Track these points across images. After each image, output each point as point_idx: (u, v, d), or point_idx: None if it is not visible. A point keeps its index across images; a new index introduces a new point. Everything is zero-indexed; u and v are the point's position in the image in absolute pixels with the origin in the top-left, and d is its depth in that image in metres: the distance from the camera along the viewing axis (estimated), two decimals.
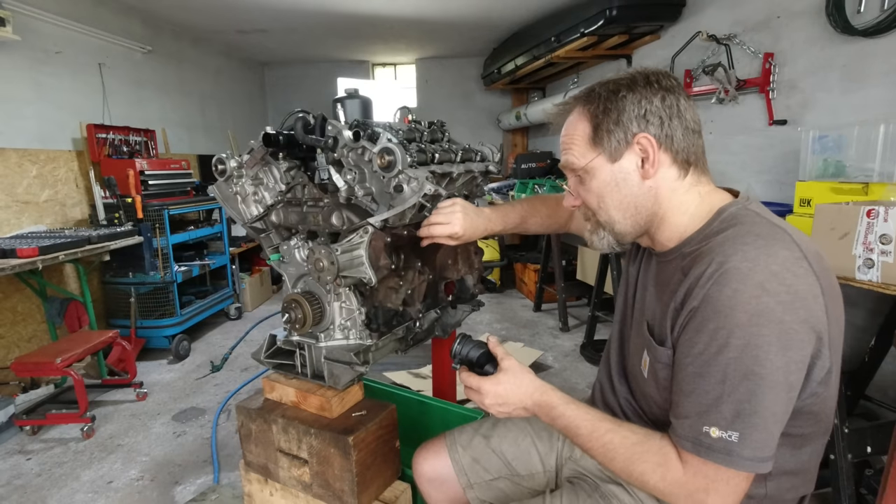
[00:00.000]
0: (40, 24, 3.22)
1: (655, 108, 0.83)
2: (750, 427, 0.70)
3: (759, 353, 0.69)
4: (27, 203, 3.15)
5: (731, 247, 0.75)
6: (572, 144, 0.90)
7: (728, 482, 0.73)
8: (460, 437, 1.23)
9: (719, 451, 0.72)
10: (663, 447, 0.79)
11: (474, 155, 1.46)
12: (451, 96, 6.47)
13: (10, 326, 3.00)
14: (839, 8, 2.29)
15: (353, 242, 1.16)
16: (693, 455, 0.74)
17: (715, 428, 0.72)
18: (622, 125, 0.84)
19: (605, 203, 0.89)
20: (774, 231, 0.76)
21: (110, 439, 2.53)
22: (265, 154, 1.31)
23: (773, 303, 0.69)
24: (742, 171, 3.01)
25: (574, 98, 0.93)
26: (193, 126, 5.04)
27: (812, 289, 0.71)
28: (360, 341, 1.29)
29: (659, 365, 0.85)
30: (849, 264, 1.61)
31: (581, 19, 3.66)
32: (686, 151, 0.85)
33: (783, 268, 0.71)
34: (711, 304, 0.72)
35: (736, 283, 0.71)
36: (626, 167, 0.86)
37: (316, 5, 4.13)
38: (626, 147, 0.85)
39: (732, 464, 0.72)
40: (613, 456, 0.82)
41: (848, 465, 1.73)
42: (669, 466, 0.77)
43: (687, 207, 0.86)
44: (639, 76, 0.86)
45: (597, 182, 0.89)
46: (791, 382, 0.71)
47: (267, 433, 1.33)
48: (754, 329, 0.69)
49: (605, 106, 0.85)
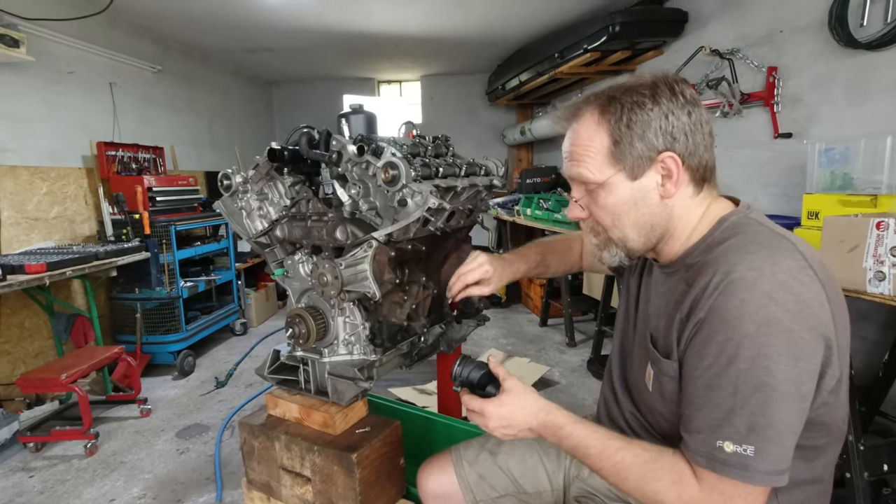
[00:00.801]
0: (54, 45, 3.30)
1: (682, 123, 0.79)
2: (765, 440, 0.68)
3: (769, 363, 0.67)
4: (37, 220, 3.19)
5: (736, 256, 0.73)
6: (586, 157, 0.83)
7: (745, 498, 0.70)
8: (466, 453, 1.20)
9: (735, 467, 0.69)
10: (677, 464, 0.76)
11: (479, 169, 1.46)
12: (456, 112, 6.53)
13: (16, 342, 3.01)
14: (842, 22, 2.30)
15: (357, 257, 1.16)
16: (708, 471, 0.72)
17: (729, 442, 0.70)
18: (647, 141, 0.79)
19: (620, 221, 0.85)
20: (778, 240, 0.75)
21: (113, 456, 2.51)
22: (270, 169, 1.32)
23: (781, 312, 0.67)
24: (748, 185, 3.00)
25: (586, 100, 0.85)
26: (201, 143, 5.11)
27: (818, 297, 0.70)
28: (364, 357, 1.28)
29: (665, 378, 0.83)
30: (859, 277, 1.59)
31: (584, 35, 3.69)
32: (704, 168, 0.82)
33: (789, 276, 0.70)
34: (719, 315, 0.71)
35: (743, 293, 0.69)
36: (646, 185, 0.82)
37: (322, 24, 4.20)
38: (648, 165, 0.80)
39: (749, 479, 0.69)
40: (626, 475, 0.78)
41: (865, 483, 1.69)
42: (685, 484, 0.74)
43: (695, 221, 0.84)
44: (662, 85, 0.80)
45: (613, 199, 0.83)
46: (803, 393, 0.69)
47: (270, 450, 1.31)
48: (763, 339, 0.67)
49: (629, 118, 0.79)
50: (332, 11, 3.90)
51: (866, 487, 1.69)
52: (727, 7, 3.08)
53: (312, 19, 4.06)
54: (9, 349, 2.95)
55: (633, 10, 3.58)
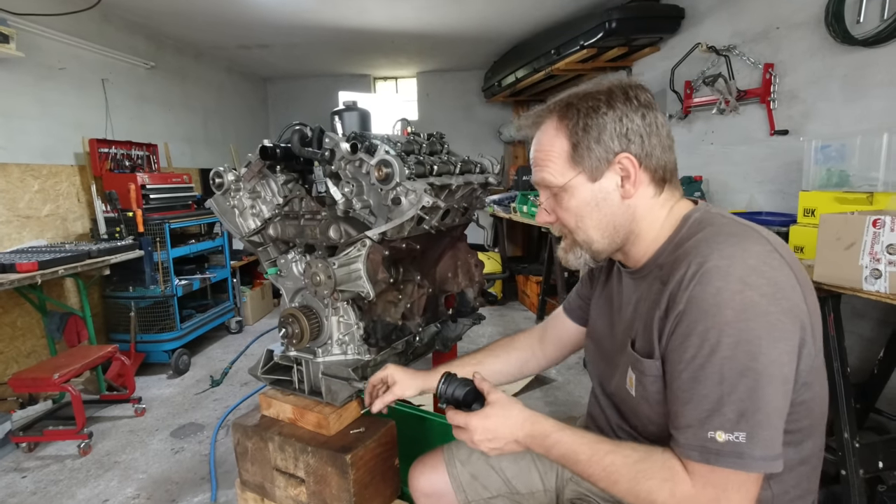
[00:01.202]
0: (44, 41, 3.26)
1: (637, 126, 0.82)
2: (755, 425, 0.68)
3: (751, 347, 0.68)
4: (28, 217, 3.15)
5: (707, 247, 0.75)
6: (549, 161, 0.87)
7: (739, 488, 0.70)
8: (459, 452, 1.19)
9: (729, 455, 0.69)
10: (667, 461, 0.75)
11: (474, 167, 1.45)
12: (452, 109, 6.51)
13: (9, 341, 2.98)
14: (838, 18, 2.29)
15: (351, 256, 1.15)
16: (701, 464, 0.71)
17: (721, 431, 0.69)
18: (603, 143, 0.82)
19: (583, 223, 0.87)
20: (744, 228, 0.78)
21: (107, 456, 2.50)
22: (263, 167, 1.30)
23: (757, 296, 0.69)
24: (744, 182, 3.00)
25: (547, 109, 0.89)
26: (196, 140, 5.07)
27: (789, 279, 0.72)
28: (359, 356, 1.27)
29: (648, 379, 0.82)
30: (856, 275, 1.59)
31: (581, 32, 3.68)
32: (663, 169, 0.84)
33: (760, 261, 0.72)
34: (697, 305, 0.72)
35: (718, 281, 0.71)
36: (606, 187, 0.84)
37: (317, 20, 4.17)
38: (606, 166, 0.83)
39: (745, 466, 0.69)
40: (617, 478, 0.77)
41: (860, 481, 1.69)
42: (677, 480, 0.73)
43: (659, 222, 0.86)
44: (617, 90, 0.83)
45: (576, 201, 0.86)
46: (786, 374, 0.70)
47: (263, 451, 1.30)
48: (743, 324, 0.68)
49: (585, 122, 0.82)
50: (327, 7, 3.87)
51: (861, 485, 1.69)
52: (724, 3, 3.07)
53: (307, 15, 4.03)
54: (1, 348, 2.93)
55: (629, 7, 3.57)
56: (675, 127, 3.58)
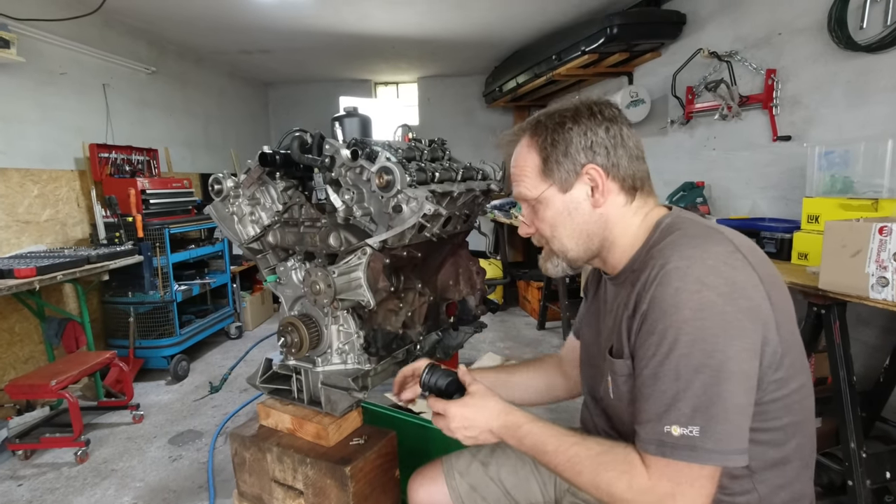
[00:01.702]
0: (45, 46, 3.26)
1: (601, 138, 0.87)
2: (710, 419, 0.70)
3: (706, 346, 0.70)
4: (28, 223, 3.14)
5: (670, 250, 0.78)
6: (523, 176, 0.93)
7: (693, 482, 0.72)
8: (457, 463, 1.19)
9: (682, 448, 0.71)
10: (628, 455, 0.78)
11: (476, 173, 1.43)
12: (453, 114, 6.50)
13: (6, 347, 2.96)
14: (841, 24, 2.28)
15: (351, 264, 1.13)
16: (657, 457, 0.73)
17: (676, 426, 0.72)
18: (570, 156, 0.87)
19: (558, 232, 0.92)
20: (708, 231, 0.81)
21: (104, 464, 2.47)
22: (262, 174, 1.29)
23: (714, 295, 0.71)
24: (746, 188, 2.98)
25: (521, 128, 0.95)
26: (196, 145, 5.06)
27: (750, 278, 0.74)
28: (359, 366, 1.25)
29: (620, 379, 0.85)
30: (862, 283, 1.57)
31: (582, 37, 3.67)
32: (632, 178, 0.88)
33: (719, 261, 0.74)
34: (657, 305, 0.75)
35: (676, 281, 0.73)
36: (576, 197, 0.89)
37: (318, 26, 4.17)
38: (575, 178, 0.88)
39: (697, 458, 0.71)
40: (580, 469, 0.80)
41: (866, 491, 1.66)
42: (634, 473, 0.75)
43: (634, 229, 0.89)
44: (582, 107, 0.89)
45: (550, 212, 0.92)
46: (745, 371, 0.71)
47: (261, 462, 1.28)
48: (699, 323, 0.71)
49: (553, 138, 0.88)
50: (328, 13, 3.87)
51: (868, 496, 1.67)
52: (725, 9, 3.07)
53: (309, 20, 4.03)
54: None
55: (630, 12, 3.57)
56: (677, 133, 3.57)
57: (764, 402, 0.76)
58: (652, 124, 3.81)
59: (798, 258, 2.10)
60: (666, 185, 3.45)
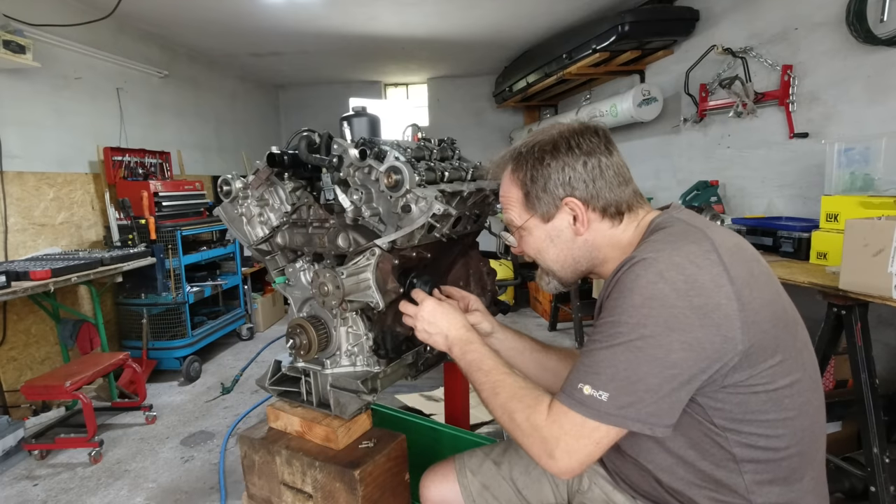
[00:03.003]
0: (61, 51, 3.30)
1: (578, 173, 0.90)
2: (620, 391, 0.76)
3: (644, 331, 0.75)
4: (43, 225, 3.18)
5: (647, 245, 0.83)
6: (509, 206, 0.99)
7: (579, 436, 0.78)
8: (470, 462, 1.19)
9: (585, 405, 0.78)
10: (541, 395, 0.86)
11: (486, 173, 1.41)
12: (462, 115, 6.49)
13: (23, 348, 3.00)
14: (860, 17, 2.23)
15: (360, 265, 1.12)
16: (561, 404, 0.81)
17: (588, 386, 0.78)
18: (549, 192, 0.92)
19: (542, 256, 0.99)
20: (689, 230, 0.84)
21: (118, 464, 2.49)
22: (270, 174, 1.28)
23: (668, 289, 0.75)
24: (763, 186, 2.92)
25: (504, 158, 1.01)
26: (208, 147, 5.11)
27: (715, 279, 0.76)
28: (368, 368, 1.24)
29: None
30: (885, 283, 1.52)
31: (593, 35, 3.63)
32: (616, 204, 0.91)
33: (685, 259, 0.77)
34: (617, 287, 0.80)
35: (640, 269, 0.78)
36: (559, 226, 0.94)
37: (328, 28, 4.18)
38: (556, 210, 0.93)
39: (592, 416, 0.77)
40: (499, 391, 0.90)
41: (889, 497, 1.62)
42: (537, 410, 0.83)
43: (626, 241, 0.92)
44: (561, 140, 0.91)
45: (533, 239, 0.98)
46: (673, 360, 0.74)
47: (270, 465, 1.27)
48: (645, 310, 0.76)
49: (532, 174, 0.93)
50: (337, 15, 3.88)
51: (891, 502, 1.62)
52: (739, 4, 3.01)
53: (319, 22, 4.04)
54: (15, 355, 2.95)
55: (642, 10, 3.52)
56: (690, 131, 3.52)
57: (739, 392, 0.78)
58: (665, 122, 3.76)
59: (817, 258, 2.05)
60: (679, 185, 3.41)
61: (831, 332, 1.81)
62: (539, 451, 0.82)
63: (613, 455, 1.00)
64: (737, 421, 0.80)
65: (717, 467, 0.82)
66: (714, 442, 0.82)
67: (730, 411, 0.79)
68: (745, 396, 0.78)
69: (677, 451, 0.85)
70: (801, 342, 0.84)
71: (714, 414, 0.80)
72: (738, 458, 0.81)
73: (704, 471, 0.83)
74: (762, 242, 2.33)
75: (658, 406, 0.76)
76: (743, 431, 0.80)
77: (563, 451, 0.79)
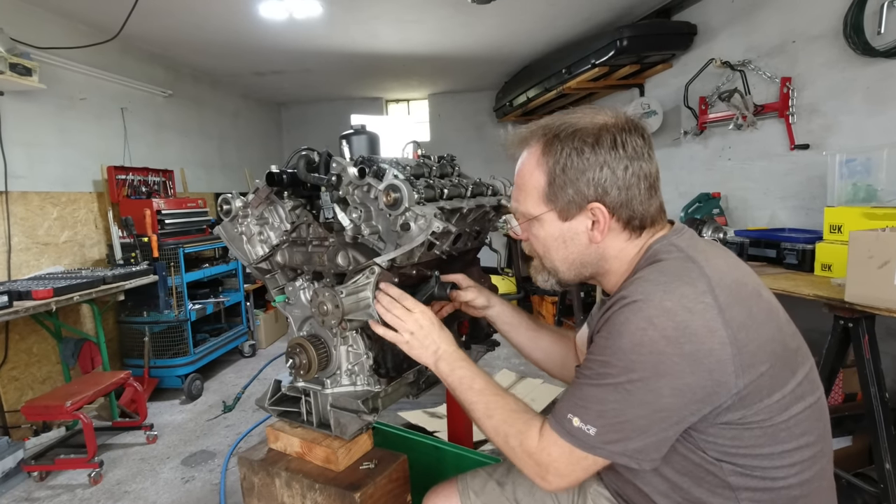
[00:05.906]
0: (66, 72, 3.35)
1: (617, 177, 0.82)
2: (608, 428, 0.77)
3: (633, 375, 0.74)
4: (47, 244, 3.20)
5: (639, 284, 0.78)
6: (524, 190, 0.90)
7: (568, 464, 0.80)
8: (473, 483, 1.17)
9: (573, 435, 0.79)
10: (533, 419, 0.87)
11: (486, 189, 1.41)
12: (463, 130, 6.52)
13: (24, 368, 2.99)
14: (858, 30, 2.24)
15: (359, 284, 1.11)
16: (552, 432, 0.82)
17: (577, 419, 0.79)
18: (579, 190, 0.84)
19: (549, 254, 0.92)
20: (683, 266, 0.79)
21: (118, 485, 2.46)
22: (270, 193, 1.28)
23: (658, 336, 0.73)
24: (765, 198, 2.91)
25: (534, 133, 0.90)
26: (211, 165, 5.15)
27: (708, 323, 0.73)
28: (368, 388, 1.22)
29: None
30: (891, 295, 1.50)
31: (592, 50, 3.66)
32: (641, 218, 0.85)
33: (678, 304, 0.74)
34: (608, 325, 0.79)
35: (629, 313, 0.76)
36: (575, 227, 0.87)
37: (330, 46, 4.23)
38: (578, 211, 0.86)
39: (580, 446, 0.78)
40: (492, 413, 0.91)
41: None
42: (529, 435, 0.85)
43: (630, 258, 0.88)
44: (605, 135, 0.82)
45: (544, 234, 0.90)
46: (663, 405, 0.74)
47: (270, 487, 1.25)
48: (634, 357, 0.74)
49: (565, 164, 0.83)
50: (338, 33, 3.93)
51: None
52: (737, 18, 3.04)
53: (320, 41, 4.09)
54: (16, 375, 2.94)
55: (640, 24, 3.56)
56: (691, 143, 3.52)
57: (733, 427, 0.76)
58: (665, 135, 3.77)
59: (821, 269, 2.03)
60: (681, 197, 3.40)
61: (838, 345, 1.79)
62: (532, 473, 0.84)
63: (614, 476, 0.98)
64: (730, 454, 0.78)
65: (713, 494, 0.80)
66: (708, 471, 0.80)
67: (723, 445, 0.78)
68: (738, 431, 0.76)
69: (671, 477, 0.84)
70: (803, 374, 0.80)
71: (707, 446, 0.78)
72: (734, 486, 0.79)
73: (700, 497, 0.81)
74: (766, 254, 2.31)
75: (645, 443, 0.76)
76: (737, 463, 0.78)
77: (554, 476, 0.82)
